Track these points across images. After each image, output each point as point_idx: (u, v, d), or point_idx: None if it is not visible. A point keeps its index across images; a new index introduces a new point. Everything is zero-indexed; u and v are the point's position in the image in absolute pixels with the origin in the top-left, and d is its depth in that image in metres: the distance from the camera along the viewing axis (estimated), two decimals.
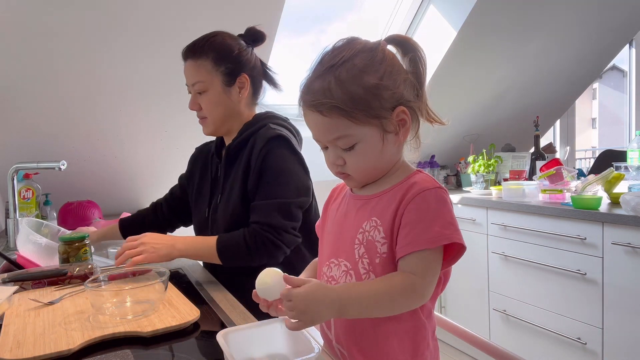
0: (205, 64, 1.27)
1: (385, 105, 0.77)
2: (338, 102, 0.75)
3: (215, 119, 1.32)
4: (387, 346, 0.80)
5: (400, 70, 0.79)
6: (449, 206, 0.77)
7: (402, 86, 0.78)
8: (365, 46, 0.79)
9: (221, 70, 1.28)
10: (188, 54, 1.30)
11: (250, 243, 1.20)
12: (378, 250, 0.78)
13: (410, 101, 0.79)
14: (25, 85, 1.83)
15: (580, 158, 6.03)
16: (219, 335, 0.75)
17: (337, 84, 0.75)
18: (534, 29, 2.67)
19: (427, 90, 0.82)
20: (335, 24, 3.00)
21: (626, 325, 1.90)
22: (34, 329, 0.90)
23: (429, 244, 0.73)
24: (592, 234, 2.00)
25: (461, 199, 2.67)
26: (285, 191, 1.23)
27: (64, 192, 2.17)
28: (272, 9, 1.98)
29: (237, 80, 1.30)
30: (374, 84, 0.75)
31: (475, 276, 2.59)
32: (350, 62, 0.76)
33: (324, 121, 0.77)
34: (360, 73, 0.75)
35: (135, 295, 0.99)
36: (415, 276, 0.73)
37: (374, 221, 0.80)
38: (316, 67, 0.79)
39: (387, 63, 0.78)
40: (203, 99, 1.30)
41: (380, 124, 0.77)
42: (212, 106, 1.30)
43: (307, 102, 0.79)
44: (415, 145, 0.84)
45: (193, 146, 1.59)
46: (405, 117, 0.78)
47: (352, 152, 0.79)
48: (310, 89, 0.78)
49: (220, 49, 1.28)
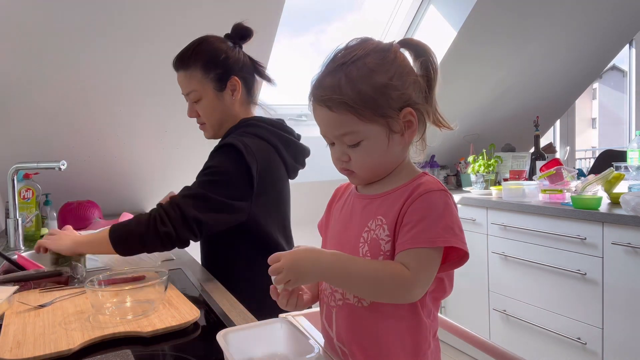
0: (195, 74, 1.30)
1: (392, 105, 0.78)
2: (347, 98, 0.76)
3: (214, 124, 1.36)
4: (388, 344, 0.80)
5: (410, 73, 0.80)
6: (452, 210, 0.77)
7: (410, 88, 0.79)
8: (378, 46, 0.80)
9: (211, 77, 1.30)
10: (178, 65, 1.32)
11: (141, 220, 1.18)
12: (382, 248, 0.79)
13: (418, 103, 0.80)
14: (25, 85, 1.83)
15: (580, 158, 6.04)
16: (219, 335, 0.75)
17: (347, 81, 0.77)
18: (534, 29, 2.67)
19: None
20: (335, 24, 3.01)
21: (626, 325, 1.90)
22: (34, 329, 0.90)
23: (427, 243, 0.73)
24: (592, 234, 2.00)
25: (461, 199, 2.67)
26: (214, 188, 1.19)
27: (64, 192, 2.17)
28: (272, 9, 1.98)
29: (227, 84, 1.32)
30: (383, 84, 0.77)
31: (475, 276, 2.59)
32: (362, 60, 0.77)
33: (332, 117, 0.79)
34: (370, 72, 0.77)
35: (135, 295, 0.99)
36: (408, 270, 0.73)
37: (379, 219, 0.80)
38: (328, 63, 0.81)
39: (398, 64, 0.79)
40: (199, 107, 1.34)
41: (387, 123, 0.78)
42: (209, 112, 1.34)
43: (316, 97, 0.80)
44: (421, 148, 0.85)
45: (192, 146, 1.59)
46: (412, 119, 0.79)
47: (357, 149, 0.80)
48: (321, 85, 0.80)
49: (207, 56, 1.29)
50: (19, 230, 1.74)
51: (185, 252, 1.62)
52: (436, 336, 0.86)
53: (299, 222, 1.52)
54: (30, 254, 1.61)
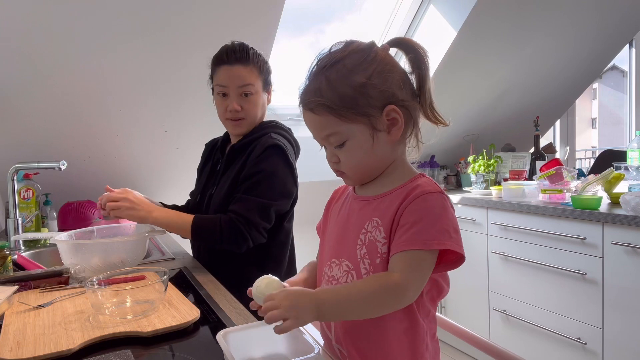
0: (254, 70, 1.40)
1: (373, 103, 0.78)
2: (327, 100, 0.78)
3: (252, 121, 1.44)
4: (385, 346, 0.80)
5: (393, 70, 0.80)
6: (448, 212, 0.77)
7: (394, 85, 0.79)
8: (359, 47, 0.81)
9: (262, 77, 1.43)
10: (235, 59, 1.38)
11: (224, 229, 1.30)
12: (379, 250, 0.79)
13: (404, 100, 0.80)
14: (26, 85, 1.83)
15: (580, 158, 6.04)
16: (219, 335, 0.75)
17: (327, 84, 0.78)
18: (534, 29, 2.67)
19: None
20: (335, 24, 3.00)
21: (626, 325, 1.90)
22: (34, 329, 0.90)
23: (422, 245, 0.73)
24: (592, 234, 2.00)
25: (461, 199, 2.67)
26: (269, 193, 1.34)
27: (64, 192, 2.17)
28: (272, 9, 1.98)
29: (269, 88, 1.47)
30: (361, 83, 0.77)
31: (475, 276, 2.59)
32: (341, 62, 0.79)
33: (316, 119, 0.81)
34: (348, 73, 0.78)
35: (135, 295, 0.99)
36: (398, 274, 0.73)
37: (375, 221, 0.80)
38: (313, 69, 0.82)
39: (378, 62, 0.79)
40: (246, 101, 1.41)
41: (369, 121, 0.79)
42: (254, 109, 1.43)
43: (302, 102, 0.83)
44: (414, 144, 0.85)
45: (192, 146, 1.60)
46: (397, 116, 0.79)
47: (343, 149, 0.81)
48: (305, 90, 0.82)
49: (262, 60, 1.43)
50: (19, 230, 1.74)
51: (185, 252, 1.63)
52: (435, 337, 0.86)
53: (296, 222, 1.52)
54: (30, 254, 1.61)
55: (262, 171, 1.34)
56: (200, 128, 2.17)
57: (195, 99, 2.11)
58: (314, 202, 1.76)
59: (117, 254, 1.26)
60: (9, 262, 1.26)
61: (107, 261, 1.24)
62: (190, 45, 1.93)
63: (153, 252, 1.67)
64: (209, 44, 1.49)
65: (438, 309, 2.77)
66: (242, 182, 1.36)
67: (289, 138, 1.46)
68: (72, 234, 1.38)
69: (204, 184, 1.53)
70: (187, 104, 2.14)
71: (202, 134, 1.79)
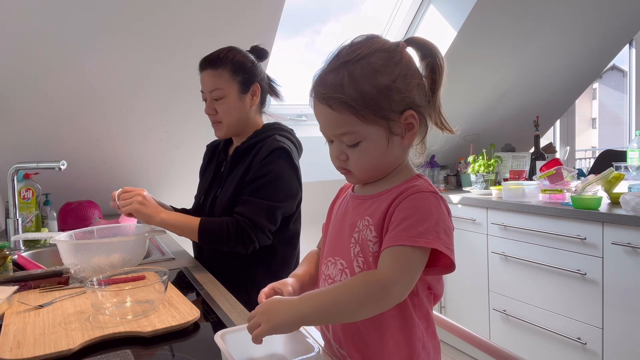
0: (224, 74, 1.40)
1: (394, 107, 0.76)
2: (348, 98, 0.75)
3: (230, 123, 1.44)
4: (383, 345, 0.80)
5: (415, 75, 0.78)
6: (441, 213, 0.75)
7: (414, 91, 0.77)
8: (384, 45, 0.78)
9: (238, 79, 1.41)
10: (206, 64, 1.42)
11: (231, 232, 1.32)
12: (370, 249, 0.78)
13: (421, 106, 0.79)
14: (26, 85, 1.83)
15: (580, 158, 6.04)
16: (216, 335, 0.75)
17: (350, 81, 0.75)
18: (534, 29, 2.67)
19: None
20: (330, 24, 2.99)
21: (626, 325, 1.90)
22: (34, 329, 0.90)
23: (408, 241, 0.71)
24: (592, 234, 2.00)
25: (461, 199, 2.67)
26: (275, 195, 1.36)
27: (64, 192, 2.17)
28: (271, 10, 1.98)
29: (250, 88, 1.44)
30: (387, 85, 0.75)
31: (475, 276, 2.59)
32: (366, 60, 0.76)
33: (333, 115, 0.77)
34: (374, 72, 0.75)
35: (135, 295, 0.99)
36: (383, 271, 0.71)
37: (366, 220, 0.80)
38: (332, 60, 0.79)
39: (403, 66, 0.77)
40: (219, 105, 1.42)
41: (388, 125, 0.77)
42: (228, 112, 1.43)
43: (318, 95, 0.79)
44: (421, 151, 0.84)
45: (192, 146, 1.60)
46: (414, 122, 0.78)
47: (355, 149, 0.79)
48: (323, 82, 0.78)
49: (236, 62, 1.41)
50: (19, 230, 1.74)
51: (185, 252, 1.63)
52: (435, 337, 0.86)
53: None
54: (30, 254, 1.61)
55: (268, 173, 1.35)
56: (200, 128, 2.17)
57: (196, 99, 2.09)
58: (314, 202, 1.76)
59: (117, 254, 1.26)
60: (9, 262, 1.26)
61: (107, 261, 1.24)
62: (191, 46, 1.93)
63: (153, 252, 1.67)
64: (210, 45, 1.50)
65: (438, 309, 2.78)
66: (248, 184, 1.38)
67: (292, 140, 1.48)
68: (72, 234, 1.38)
69: (208, 185, 1.54)
70: (187, 104, 2.14)
71: (202, 134, 1.79)
